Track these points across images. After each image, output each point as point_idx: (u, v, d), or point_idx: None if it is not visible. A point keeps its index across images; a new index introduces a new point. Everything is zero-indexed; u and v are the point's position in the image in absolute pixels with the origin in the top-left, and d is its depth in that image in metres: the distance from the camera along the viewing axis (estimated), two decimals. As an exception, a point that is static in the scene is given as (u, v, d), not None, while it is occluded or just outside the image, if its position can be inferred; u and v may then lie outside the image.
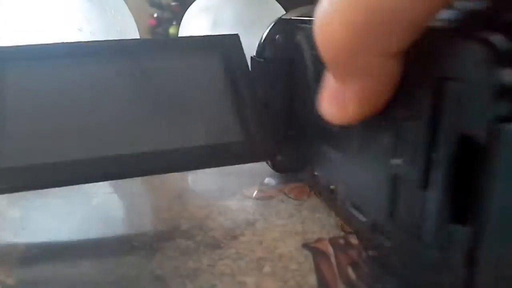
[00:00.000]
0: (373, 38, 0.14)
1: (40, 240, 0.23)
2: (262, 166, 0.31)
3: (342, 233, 0.23)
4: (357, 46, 0.15)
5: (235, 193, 0.28)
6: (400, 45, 0.15)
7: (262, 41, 0.28)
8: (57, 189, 0.25)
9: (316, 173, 0.26)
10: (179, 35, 0.61)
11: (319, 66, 0.24)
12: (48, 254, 0.22)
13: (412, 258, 0.17)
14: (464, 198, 0.13)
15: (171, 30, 1.98)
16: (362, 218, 0.21)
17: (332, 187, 0.24)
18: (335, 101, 0.17)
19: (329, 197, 0.24)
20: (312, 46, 0.26)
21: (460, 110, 0.13)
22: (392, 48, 0.15)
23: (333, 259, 0.21)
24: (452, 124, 0.14)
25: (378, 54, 0.15)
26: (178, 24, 0.62)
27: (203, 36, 0.31)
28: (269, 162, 0.30)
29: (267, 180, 0.30)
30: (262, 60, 0.28)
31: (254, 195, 0.28)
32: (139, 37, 0.55)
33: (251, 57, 0.30)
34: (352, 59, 0.15)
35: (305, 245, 0.22)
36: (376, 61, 0.15)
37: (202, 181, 0.31)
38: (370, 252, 0.21)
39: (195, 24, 0.59)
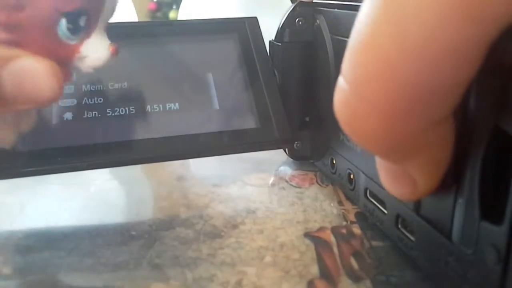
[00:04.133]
0: (414, 119, 0.12)
1: (37, 228, 0.23)
2: (263, 153, 0.30)
3: (344, 223, 0.23)
4: (398, 135, 0.12)
5: (236, 180, 0.28)
6: (446, 111, 0.12)
7: (281, 24, 0.28)
8: (55, 175, 0.25)
9: (334, 162, 0.26)
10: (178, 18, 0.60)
11: (340, 51, 0.24)
12: (45, 242, 0.21)
13: (438, 253, 0.16)
14: (497, 195, 0.13)
15: (171, 15, 1.97)
16: (383, 210, 0.20)
17: (351, 176, 0.24)
18: (400, 181, 0.15)
19: (348, 187, 0.24)
20: (333, 30, 0.25)
21: (494, 102, 0.13)
22: (437, 117, 0.12)
23: (335, 249, 0.21)
24: (485, 117, 0.13)
25: (425, 128, 0.12)
26: (178, 8, 0.61)
27: (221, 18, 0.31)
28: (286, 150, 0.30)
29: (282, 168, 0.30)
30: (280, 44, 0.28)
31: (270, 182, 0.28)
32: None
33: (270, 41, 0.29)
34: (398, 147, 0.13)
35: (307, 234, 0.22)
36: (424, 135, 0.13)
37: (202, 167, 0.30)
38: (374, 243, 0.21)
39: (195, 8, 0.58)
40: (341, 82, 0.12)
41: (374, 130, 0.12)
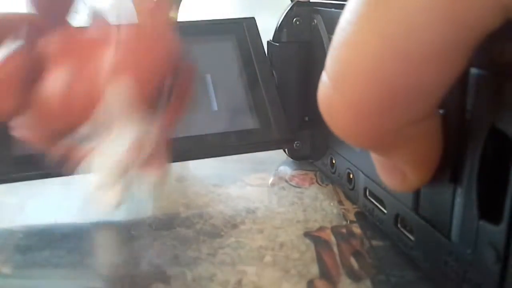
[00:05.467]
0: (391, 117, 0.12)
1: (37, 227, 0.23)
2: (263, 152, 0.30)
3: (344, 222, 0.23)
4: (374, 130, 0.12)
5: (236, 180, 0.28)
6: (424, 110, 0.12)
7: (279, 25, 0.28)
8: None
9: (334, 161, 0.26)
10: (178, 19, 0.60)
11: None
12: (45, 241, 0.21)
13: (437, 253, 0.16)
14: (495, 195, 0.13)
15: (171, 15, 1.97)
16: (383, 209, 0.20)
17: (350, 176, 0.23)
18: (391, 173, 0.15)
19: (347, 187, 0.24)
20: (330, 29, 0.25)
21: (491, 102, 0.13)
22: (415, 115, 0.12)
23: (335, 248, 0.21)
24: (482, 116, 0.13)
25: (404, 125, 0.12)
26: (178, 8, 0.61)
27: (218, 19, 0.30)
28: (285, 150, 0.30)
29: (282, 168, 0.30)
30: (278, 44, 0.28)
31: (270, 182, 0.28)
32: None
33: (268, 41, 0.29)
34: (376, 141, 0.13)
35: (307, 234, 0.22)
36: (405, 131, 0.13)
37: (201, 167, 0.30)
38: (374, 242, 0.21)
39: (195, 8, 0.58)
40: (324, 76, 0.13)
41: (351, 123, 0.12)
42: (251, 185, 0.27)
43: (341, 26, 0.12)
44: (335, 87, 0.12)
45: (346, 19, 0.12)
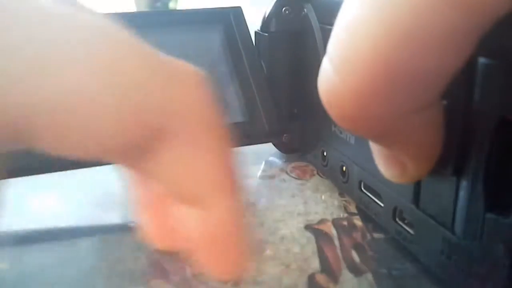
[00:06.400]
0: (393, 103, 0.12)
1: (36, 223, 0.23)
2: (264, 145, 0.30)
3: (345, 215, 0.23)
4: (375, 116, 0.12)
5: (236, 172, 0.28)
6: (428, 98, 0.12)
7: (267, 14, 0.27)
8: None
9: (325, 154, 0.25)
10: (178, 8, 0.60)
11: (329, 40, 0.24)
12: (43, 235, 0.21)
13: (439, 247, 0.16)
14: (503, 187, 0.13)
15: (171, 4, 1.95)
16: (379, 202, 0.20)
17: (344, 169, 0.23)
18: (391, 164, 0.14)
19: (341, 180, 0.24)
20: (322, 18, 0.24)
21: (500, 93, 0.12)
22: (418, 103, 0.12)
23: (336, 241, 0.20)
24: (491, 108, 0.13)
25: (405, 112, 0.12)
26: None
27: (205, 8, 0.30)
28: (274, 143, 0.29)
29: (271, 158, 0.30)
30: (267, 34, 0.27)
31: (258, 174, 0.28)
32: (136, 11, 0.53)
33: (255, 31, 0.28)
34: (376, 128, 0.13)
35: (308, 227, 0.22)
36: (406, 119, 0.12)
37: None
38: (375, 235, 0.21)
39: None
40: (325, 61, 0.12)
41: (352, 110, 0.12)
42: (251, 177, 0.27)
43: (344, 10, 0.12)
44: (337, 72, 0.12)
45: (349, 2, 0.11)
